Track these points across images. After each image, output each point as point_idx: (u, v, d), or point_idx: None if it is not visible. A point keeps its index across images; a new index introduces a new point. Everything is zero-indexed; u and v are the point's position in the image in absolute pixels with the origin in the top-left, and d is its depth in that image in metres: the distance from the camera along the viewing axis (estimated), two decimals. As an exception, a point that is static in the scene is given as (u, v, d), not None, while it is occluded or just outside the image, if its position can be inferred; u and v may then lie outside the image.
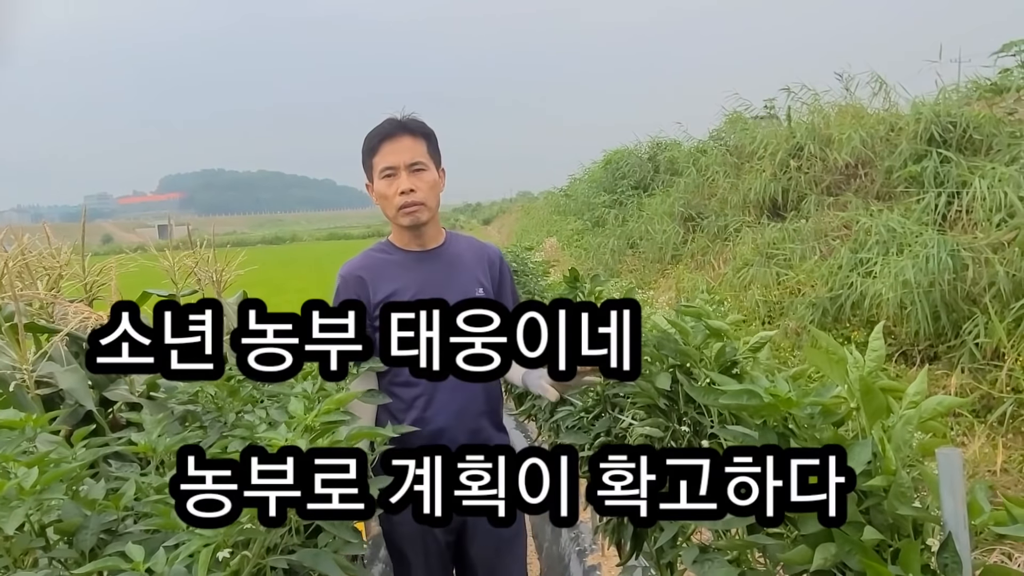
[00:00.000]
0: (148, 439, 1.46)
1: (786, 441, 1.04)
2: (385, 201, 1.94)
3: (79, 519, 1.19)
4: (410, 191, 1.89)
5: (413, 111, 1.98)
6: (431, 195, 1.94)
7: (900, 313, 6.36)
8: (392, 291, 1.91)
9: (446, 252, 2.03)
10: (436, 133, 2.02)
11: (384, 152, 1.92)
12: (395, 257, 1.99)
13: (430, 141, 1.98)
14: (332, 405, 1.17)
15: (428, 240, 2.01)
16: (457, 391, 1.90)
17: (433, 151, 1.98)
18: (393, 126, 1.92)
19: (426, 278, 1.95)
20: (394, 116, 1.95)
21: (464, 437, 1.91)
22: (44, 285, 2.58)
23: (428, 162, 1.94)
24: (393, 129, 1.92)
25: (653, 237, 13.08)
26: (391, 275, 1.95)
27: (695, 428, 1.56)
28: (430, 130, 1.98)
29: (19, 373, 2.06)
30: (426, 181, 1.93)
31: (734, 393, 1.03)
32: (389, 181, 1.91)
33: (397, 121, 1.94)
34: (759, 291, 8.57)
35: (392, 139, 1.91)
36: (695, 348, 1.49)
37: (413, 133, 1.93)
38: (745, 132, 12.48)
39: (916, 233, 6.91)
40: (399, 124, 1.93)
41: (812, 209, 9.45)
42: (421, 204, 1.91)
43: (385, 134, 1.92)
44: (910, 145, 8.38)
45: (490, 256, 2.11)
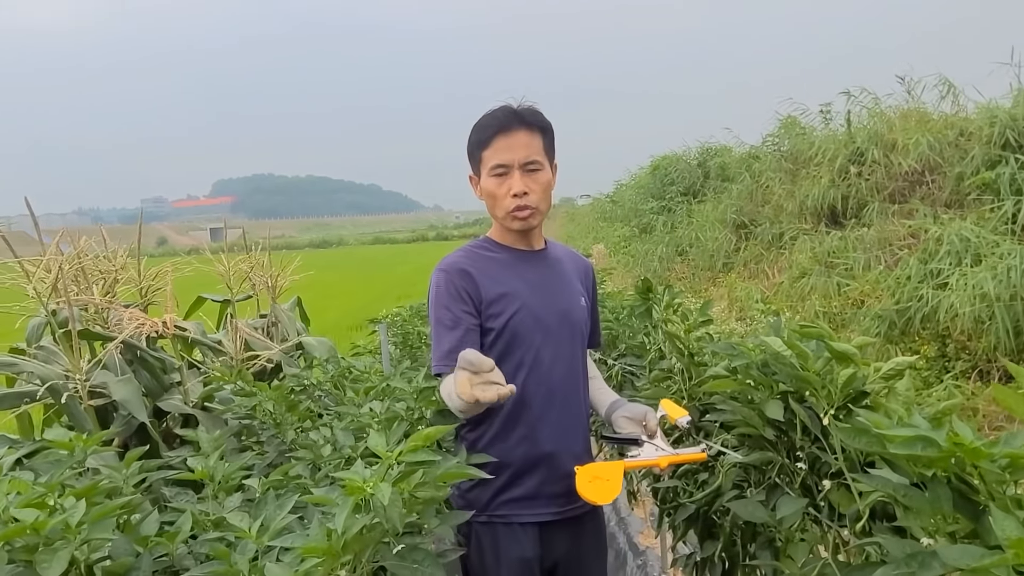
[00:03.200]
0: (205, 463, 1.34)
1: (969, 501, 0.86)
2: (493, 200, 1.75)
3: (130, 559, 1.06)
4: (523, 194, 1.71)
5: (528, 98, 1.76)
6: (544, 198, 1.76)
7: (976, 327, 6.01)
8: (505, 290, 1.73)
9: (550, 255, 1.88)
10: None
11: (497, 147, 1.71)
12: (501, 255, 1.80)
13: (547, 136, 1.77)
14: (420, 441, 1.02)
15: (535, 241, 1.85)
16: (565, 411, 1.76)
17: (549, 147, 1.78)
18: (509, 117, 1.72)
19: (537, 279, 1.79)
20: (510, 103, 1.75)
21: (570, 463, 1.76)
22: (99, 289, 2.51)
23: (544, 161, 1.75)
24: (509, 121, 1.71)
25: (704, 244, 12.77)
26: (499, 273, 1.76)
27: (812, 465, 1.38)
28: (548, 123, 1.78)
29: (72, 383, 1.97)
30: (540, 183, 1.74)
31: (906, 440, 0.85)
32: (500, 180, 1.72)
33: (513, 111, 1.72)
34: (819, 302, 8.23)
35: (507, 133, 1.71)
36: (815, 374, 1.31)
37: (530, 127, 1.72)
38: (801, 137, 12.09)
39: (992, 243, 6.53)
40: (516, 115, 1.72)
41: (875, 217, 9.06)
42: (534, 209, 1.74)
43: (500, 126, 1.71)
44: (983, 150, 7.96)
45: (585, 267, 1.98)
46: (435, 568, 0.97)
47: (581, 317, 1.83)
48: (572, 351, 1.80)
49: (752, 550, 1.60)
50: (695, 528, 1.87)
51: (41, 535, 1.00)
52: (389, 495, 0.89)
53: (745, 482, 1.64)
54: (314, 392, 2.34)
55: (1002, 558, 0.72)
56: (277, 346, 3.02)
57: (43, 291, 2.08)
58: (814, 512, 1.36)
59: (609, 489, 1.50)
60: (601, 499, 1.49)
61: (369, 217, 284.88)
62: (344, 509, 0.90)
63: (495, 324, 1.70)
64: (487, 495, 1.73)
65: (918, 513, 0.93)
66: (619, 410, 1.77)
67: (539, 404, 1.73)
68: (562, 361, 1.77)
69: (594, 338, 1.97)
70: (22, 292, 2.18)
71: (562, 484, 1.72)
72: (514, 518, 1.72)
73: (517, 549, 1.72)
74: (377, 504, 0.91)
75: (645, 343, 2.71)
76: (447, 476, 1.06)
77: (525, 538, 1.73)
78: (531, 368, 1.72)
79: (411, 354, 4.87)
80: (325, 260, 36.96)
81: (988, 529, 0.85)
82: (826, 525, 1.34)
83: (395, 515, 0.90)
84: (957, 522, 0.92)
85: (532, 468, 1.73)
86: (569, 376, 1.79)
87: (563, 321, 1.78)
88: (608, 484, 1.51)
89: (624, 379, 2.95)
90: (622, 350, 3.05)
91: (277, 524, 1.08)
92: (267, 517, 1.12)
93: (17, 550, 1.02)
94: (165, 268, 2.79)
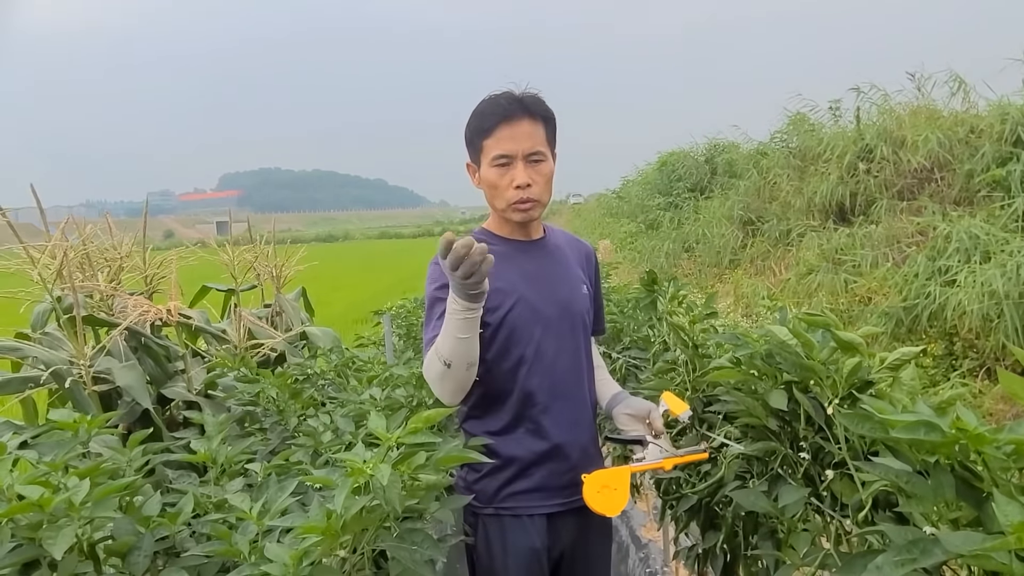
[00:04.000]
0: (208, 446, 1.34)
1: (972, 487, 0.85)
2: (495, 191, 1.70)
3: (132, 538, 1.06)
4: (527, 185, 1.67)
5: (532, 86, 1.71)
6: (547, 190, 1.72)
7: (984, 325, 5.97)
8: (501, 284, 1.69)
9: (549, 243, 1.84)
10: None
11: (500, 136, 1.65)
12: (498, 247, 1.74)
13: (549, 125, 1.72)
14: (420, 423, 1.02)
15: (533, 231, 1.81)
16: (569, 403, 1.74)
17: (551, 137, 1.74)
18: (513, 106, 1.65)
19: (535, 271, 1.76)
20: (512, 90, 1.67)
21: (576, 455, 1.74)
22: (104, 277, 2.52)
23: (547, 151, 1.71)
24: (513, 109, 1.65)
25: (710, 240, 12.74)
26: (496, 266, 1.76)
27: (815, 455, 1.37)
28: (551, 112, 1.73)
29: (76, 368, 1.98)
30: (543, 174, 1.70)
31: (908, 426, 0.84)
32: (503, 171, 1.67)
33: (517, 99, 1.66)
34: (826, 298, 8.20)
35: (511, 122, 1.65)
36: (821, 363, 1.30)
37: (534, 116, 1.67)
38: (810, 133, 12.04)
39: (1002, 240, 6.49)
40: (519, 104, 1.66)
41: (883, 214, 9.02)
42: (536, 201, 1.70)
43: (503, 115, 1.65)
44: (994, 147, 7.91)
45: (587, 252, 1.93)
46: (433, 550, 0.97)
47: (583, 306, 1.80)
48: (575, 342, 1.78)
49: (754, 541, 1.60)
50: (697, 519, 1.87)
51: (46, 512, 1.00)
52: (388, 476, 0.89)
53: (748, 473, 1.63)
54: (317, 381, 2.35)
55: (1003, 542, 0.71)
56: (281, 335, 3.02)
57: (48, 277, 2.09)
58: (816, 502, 1.36)
59: (618, 499, 1.49)
60: (610, 510, 1.49)
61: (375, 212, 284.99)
62: (344, 489, 0.90)
63: (492, 319, 1.68)
64: (493, 487, 1.72)
65: (920, 500, 0.92)
66: (620, 405, 1.76)
67: (543, 397, 1.71)
68: (565, 353, 1.75)
69: (598, 325, 1.95)
70: (28, 278, 2.19)
71: (569, 476, 1.71)
72: (522, 510, 1.71)
73: (525, 539, 1.71)
74: (377, 485, 0.91)
75: (649, 335, 2.70)
76: (447, 460, 1.06)
77: (533, 529, 1.72)
78: (533, 361, 1.70)
79: (415, 345, 4.87)
80: (331, 253, 37.02)
81: (991, 516, 0.84)
82: (828, 515, 1.33)
83: (394, 496, 0.90)
84: (960, 509, 0.92)
85: (539, 461, 1.71)
86: (573, 367, 1.77)
87: (564, 312, 1.75)
88: (616, 494, 1.50)
89: (628, 372, 2.94)
90: (626, 343, 3.04)
91: (278, 506, 1.08)
92: (268, 499, 1.12)
93: (21, 527, 1.02)
94: (170, 257, 2.80)
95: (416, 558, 0.97)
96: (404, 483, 0.99)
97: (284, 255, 3.88)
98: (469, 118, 1.75)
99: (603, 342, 3.10)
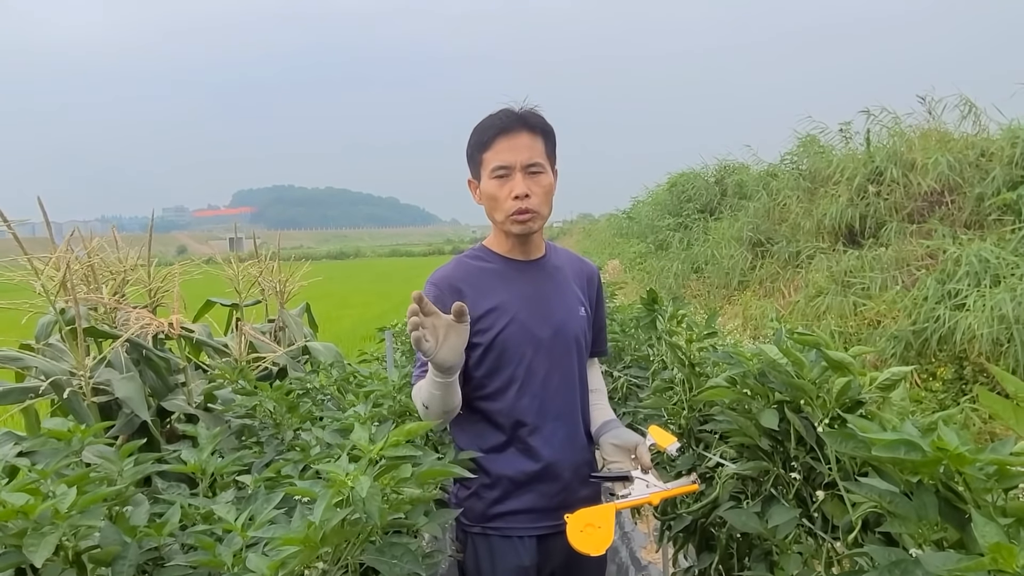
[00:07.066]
0: (199, 457, 1.34)
1: (955, 508, 0.84)
2: (494, 203, 1.70)
3: (118, 547, 1.07)
4: (525, 196, 1.66)
5: (531, 101, 1.75)
6: (546, 202, 1.72)
7: (994, 349, 5.91)
8: (494, 304, 1.70)
9: (548, 264, 1.82)
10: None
11: (498, 148, 1.67)
12: (494, 266, 1.77)
13: (548, 139, 1.73)
14: (400, 436, 1.02)
15: (533, 250, 1.79)
16: (561, 424, 1.73)
17: (551, 151, 1.75)
18: (511, 119, 1.68)
19: (531, 292, 1.75)
20: (511, 107, 1.70)
21: (568, 475, 1.72)
22: (109, 290, 2.54)
23: (546, 164, 1.71)
24: (511, 123, 1.67)
25: (719, 262, 12.71)
26: (491, 286, 1.73)
27: (807, 476, 1.36)
28: (550, 127, 1.73)
29: (76, 379, 1.99)
30: (542, 186, 1.70)
31: (889, 443, 0.84)
32: (501, 182, 1.67)
33: (515, 114, 1.69)
34: (834, 321, 8.14)
35: (509, 134, 1.67)
36: (811, 383, 1.29)
37: (532, 129, 1.69)
38: (820, 155, 12.03)
39: (1013, 264, 6.44)
40: (517, 118, 1.68)
41: (893, 236, 8.98)
42: (535, 212, 1.69)
43: (501, 128, 1.67)
44: (1004, 171, 7.88)
45: (589, 273, 1.91)
46: (414, 564, 0.96)
47: (579, 328, 1.79)
48: (568, 363, 1.76)
49: (748, 563, 1.58)
50: (693, 540, 1.85)
51: (30, 519, 1.01)
52: (368, 488, 0.89)
53: (742, 493, 1.62)
54: (316, 396, 2.35)
55: (979, 562, 0.71)
56: (282, 349, 3.04)
57: (52, 288, 2.12)
58: (808, 524, 1.34)
59: (601, 537, 1.46)
60: (594, 550, 1.45)
61: (387, 229, 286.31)
62: (323, 501, 0.90)
63: (483, 339, 1.67)
64: (482, 506, 1.71)
65: (904, 520, 0.91)
66: (608, 434, 1.74)
67: (533, 418, 1.70)
68: (557, 374, 1.73)
69: (599, 346, 1.93)
70: (32, 290, 2.21)
71: (560, 497, 1.70)
72: (511, 531, 1.70)
73: (514, 559, 1.70)
74: (357, 497, 0.91)
75: (649, 354, 2.69)
76: (430, 474, 1.06)
77: (523, 548, 1.70)
78: (523, 382, 1.69)
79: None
80: (342, 270, 37.14)
81: (974, 538, 0.84)
82: (820, 537, 1.32)
83: (374, 509, 0.90)
84: (944, 530, 0.91)
85: (528, 482, 1.70)
86: (565, 388, 1.75)
87: (557, 334, 1.74)
88: (600, 532, 1.47)
89: (629, 391, 2.93)
90: (627, 362, 3.04)
91: (263, 518, 1.08)
92: (254, 511, 1.12)
93: (8, 535, 1.03)
94: (173, 271, 2.82)
95: (397, 572, 0.97)
96: (386, 496, 0.99)
97: (288, 271, 3.90)
98: (470, 135, 1.77)
99: (605, 361, 3.09)
